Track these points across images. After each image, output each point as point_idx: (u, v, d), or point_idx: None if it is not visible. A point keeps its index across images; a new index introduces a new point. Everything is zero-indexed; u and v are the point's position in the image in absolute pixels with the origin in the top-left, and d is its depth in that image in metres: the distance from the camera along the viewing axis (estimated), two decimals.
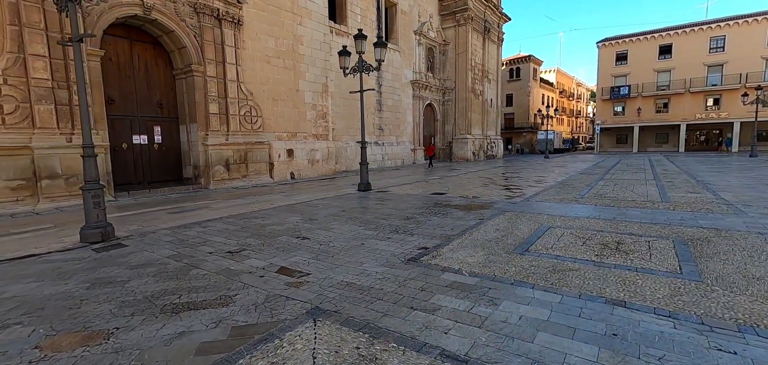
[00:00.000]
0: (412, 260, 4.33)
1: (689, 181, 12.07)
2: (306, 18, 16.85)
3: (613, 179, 13.37)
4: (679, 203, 7.89)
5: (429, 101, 29.82)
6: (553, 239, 5.13)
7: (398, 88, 26.17)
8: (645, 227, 5.71)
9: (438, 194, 10.34)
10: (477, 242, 5.10)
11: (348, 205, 8.68)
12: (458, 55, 30.56)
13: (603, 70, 44.46)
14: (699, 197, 8.64)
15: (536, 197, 9.17)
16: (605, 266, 4.00)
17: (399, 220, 6.77)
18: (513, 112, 52.06)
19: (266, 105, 15.22)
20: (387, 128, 25.23)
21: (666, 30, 40.86)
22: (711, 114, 39.32)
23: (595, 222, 6.15)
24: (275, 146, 15.54)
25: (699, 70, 39.26)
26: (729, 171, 15.66)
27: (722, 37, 38.21)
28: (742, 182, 11.62)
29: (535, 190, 10.64)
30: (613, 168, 18.72)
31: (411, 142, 27.78)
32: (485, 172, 18.08)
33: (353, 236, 5.58)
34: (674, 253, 4.37)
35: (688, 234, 5.25)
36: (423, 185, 12.60)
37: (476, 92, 32.68)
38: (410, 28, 27.12)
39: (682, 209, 7.12)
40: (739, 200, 8.14)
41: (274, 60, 15.47)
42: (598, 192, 9.78)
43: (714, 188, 10.32)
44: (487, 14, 32.78)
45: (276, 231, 6.02)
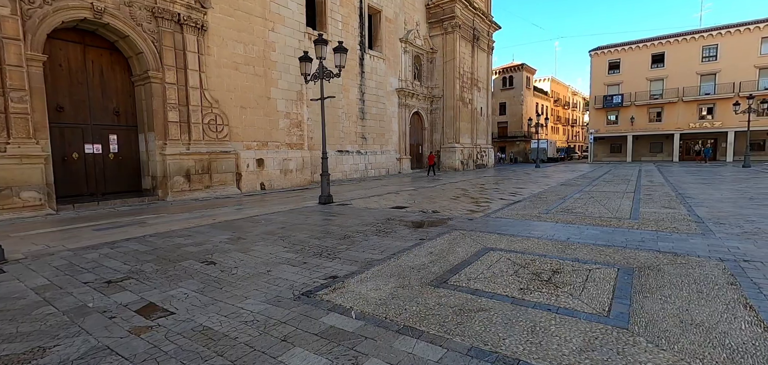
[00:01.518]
0: (306, 295, 3.71)
1: (669, 194, 11.46)
2: (278, 24, 16.38)
3: (591, 191, 12.77)
4: (647, 220, 7.28)
5: (416, 110, 29.34)
6: (484, 266, 4.52)
7: (383, 97, 25.70)
8: (596, 251, 5.09)
9: (398, 208, 9.73)
10: (398, 269, 4.48)
11: (293, 221, 8.07)
12: (446, 63, 30.16)
13: (596, 78, 44.11)
14: (671, 213, 8.02)
15: (499, 213, 8.56)
16: (523, 304, 3.38)
17: (334, 240, 6.16)
18: (506, 120, 51.63)
19: (234, 113, 14.68)
20: (371, 136, 24.71)
21: (658, 39, 40.57)
22: (705, 123, 38.85)
23: (543, 244, 5.54)
24: (243, 155, 14.96)
25: (692, 79, 38.88)
26: (717, 183, 15.07)
27: (715, 46, 37.87)
28: (724, 195, 11.02)
29: (503, 204, 10.03)
30: (597, 179, 18.13)
31: (396, 151, 27.25)
32: (466, 183, 17.49)
33: (265, 261, 4.97)
34: (612, 287, 3.75)
35: (640, 260, 4.64)
36: (391, 198, 12.00)
37: (465, 100, 32.22)
38: (396, 36, 26.73)
39: (647, 228, 6.50)
40: (713, 216, 7.53)
41: (242, 67, 14.95)
42: (567, 207, 9.17)
43: (692, 202, 9.71)
44: (475, 22, 32.45)
45: (186, 254, 5.40)
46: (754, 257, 4.67)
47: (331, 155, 21.09)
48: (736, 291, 3.61)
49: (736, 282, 3.85)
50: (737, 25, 36.76)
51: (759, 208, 8.51)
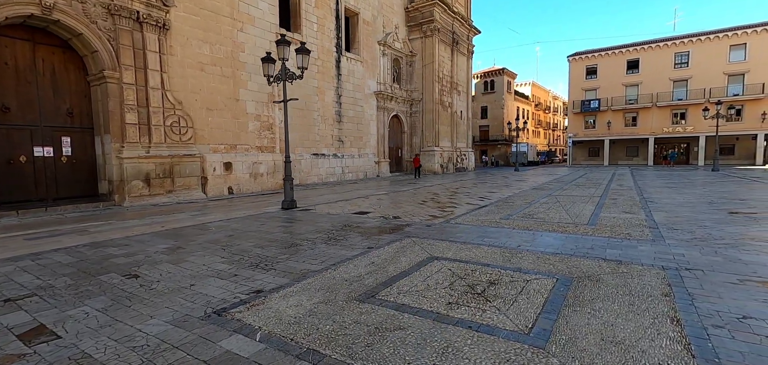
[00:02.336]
0: (217, 313, 3.43)
1: (634, 198, 11.55)
2: (248, 24, 15.98)
3: (560, 195, 12.79)
4: (603, 226, 7.22)
5: (395, 113, 29.21)
6: (421, 278, 4.31)
7: (360, 99, 25.47)
8: (542, 259, 4.95)
9: (361, 213, 9.49)
10: (331, 281, 4.24)
11: (246, 228, 7.74)
12: (425, 67, 30.15)
13: (574, 83, 44.89)
14: (629, 218, 8.01)
15: (460, 219, 8.41)
16: (445, 321, 3.17)
17: (279, 249, 5.88)
18: (488, 124, 52.08)
19: (199, 115, 14.21)
20: (348, 140, 24.43)
21: (633, 45, 41.56)
22: (677, 128, 39.92)
23: (492, 252, 5.37)
24: (209, 158, 14.50)
25: (665, 85, 39.94)
26: (682, 187, 15.34)
27: (686, 53, 39.00)
28: (686, 199, 11.15)
29: (468, 209, 9.90)
30: (570, 183, 18.28)
31: (375, 154, 27.03)
32: (441, 187, 17.38)
33: (194, 274, 4.65)
34: (544, 300, 3.59)
35: (583, 269, 4.51)
36: (358, 203, 11.75)
37: (444, 103, 32.27)
38: (374, 39, 26.56)
39: (601, 235, 6.43)
40: (669, 221, 7.54)
41: (209, 67, 14.51)
42: (529, 212, 9.09)
43: (653, 206, 9.77)
44: (455, 26, 32.58)
45: (111, 266, 5.04)
46: (697, 265, 4.59)
47: (305, 158, 20.78)
48: (668, 302, 3.48)
49: (671, 292, 3.73)
50: (707, 34, 37.96)
51: (715, 213, 8.59)
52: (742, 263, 4.67)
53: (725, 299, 3.55)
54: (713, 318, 3.15)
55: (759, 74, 35.73)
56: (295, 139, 20.26)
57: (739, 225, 7.07)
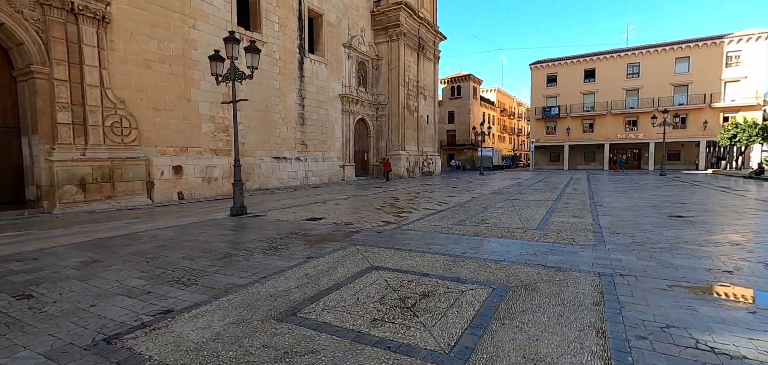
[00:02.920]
0: (107, 341, 3.00)
1: (585, 203, 11.88)
2: (201, 21, 15.22)
3: (517, 200, 12.97)
4: (551, 231, 7.27)
5: (361, 116, 28.95)
6: (353, 291, 4.04)
7: (325, 102, 25.03)
8: (483, 267, 4.82)
9: (313, 220, 9.12)
10: (253, 297, 3.89)
11: (182, 237, 7.19)
12: (391, 71, 30.14)
13: (536, 90, 46.47)
14: (576, 223, 8.14)
15: (413, 225, 8.24)
16: (364, 342, 2.92)
17: (211, 260, 5.43)
18: (455, 129, 52.89)
19: (145, 115, 13.32)
20: (311, 143, 23.91)
21: (590, 55, 43.58)
22: (630, 135, 42.17)
23: (435, 260, 5.20)
24: (156, 162, 13.61)
25: (619, 93, 42.12)
26: (631, 191, 16.03)
27: (637, 64, 41.34)
28: (632, 203, 11.59)
29: (423, 214, 9.77)
30: (529, 187, 18.70)
31: (340, 158, 26.63)
32: (403, 191, 17.26)
33: (101, 292, 4.15)
34: (474, 313, 3.42)
35: (521, 277, 4.41)
36: (314, 208, 11.35)
37: (411, 108, 32.39)
38: (339, 41, 26.23)
39: (546, 240, 6.43)
40: (613, 225, 7.71)
41: (156, 65, 13.65)
42: (483, 217, 9.07)
43: (601, 210, 10.05)
44: (421, 31, 32.83)
45: (6, 285, 4.43)
46: (631, 271, 4.61)
47: (266, 162, 20.08)
48: (597, 312, 3.41)
49: (602, 301, 3.67)
50: (656, 46, 40.43)
51: (656, 217, 8.91)
52: (674, 267, 4.75)
53: (652, 307, 3.53)
54: (638, 329, 3.09)
55: (701, 85, 38.43)
56: (254, 141, 19.57)
57: (676, 229, 7.32)
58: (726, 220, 8.38)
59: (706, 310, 3.42)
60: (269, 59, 20.38)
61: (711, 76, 38.06)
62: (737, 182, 21.33)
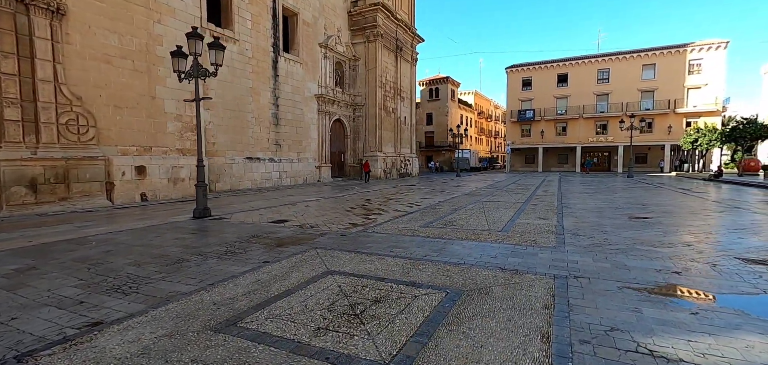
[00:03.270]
0: (18, 360, 2.73)
1: (552, 204, 12.10)
2: (167, 16, 14.66)
3: (488, 201, 13.09)
4: (515, 232, 7.31)
5: (337, 117, 28.70)
6: (303, 297, 3.89)
7: (300, 102, 24.66)
8: (442, 271, 4.75)
9: (278, 222, 8.88)
10: (195, 306, 3.67)
11: (134, 241, 6.82)
12: (368, 72, 30.03)
13: (511, 94, 47.39)
14: (541, 224, 8.24)
15: (379, 227, 8.13)
16: (303, 352, 2.77)
17: (160, 266, 5.15)
18: (433, 130, 53.29)
19: (104, 113, 12.70)
20: (286, 143, 23.50)
21: (563, 60, 44.80)
22: (600, 138, 43.58)
23: (394, 264, 5.10)
24: (117, 162, 12.99)
25: (590, 98, 43.47)
26: (598, 193, 16.48)
27: (607, 70, 42.80)
28: (597, 205, 11.88)
29: (393, 216, 9.68)
30: (501, 189, 18.97)
31: (315, 159, 26.30)
32: (377, 192, 17.16)
33: (28, 303, 3.83)
34: (423, 318, 3.33)
35: (478, 280, 4.36)
36: (282, 210, 11.08)
37: (388, 109, 32.37)
38: (315, 41, 25.91)
39: (510, 242, 6.45)
40: (575, 227, 7.84)
41: (117, 60, 13.04)
42: (451, 220, 9.07)
43: (567, 211, 10.25)
44: (398, 33, 32.88)
45: None
46: (586, 273, 4.65)
47: (238, 162, 19.58)
48: (546, 316, 3.38)
49: (553, 304, 3.66)
50: (624, 53, 41.98)
51: (617, 218, 9.15)
52: (626, 269, 4.82)
53: (601, 309, 3.53)
54: (583, 332, 3.07)
55: (666, 92, 40.18)
56: (226, 141, 19.05)
57: (634, 230, 7.51)
58: (682, 221, 8.68)
59: (651, 312, 3.45)
60: (241, 58, 19.90)
61: (675, 83, 39.82)
62: (697, 184, 22.33)
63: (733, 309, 3.51)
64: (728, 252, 5.72)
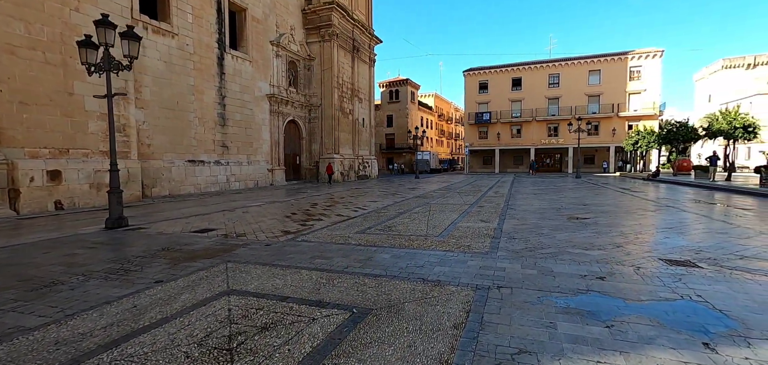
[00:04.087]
0: None
1: (499, 205, 12.08)
2: (87, 4, 13.21)
3: (437, 203, 12.88)
4: (453, 237, 7.02)
5: (292, 118, 27.73)
6: (176, 328, 3.25)
7: (250, 102, 23.50)
8: (356, 286, 4.28)
9: (201, 231, 8.06)
10: (30, 347, 2.94)
11: (9, 260, 5.80)
12: (324, 72, 29.29)
13: (469, 96, 48.35)
14: (481, 227, 8.03)
15: (312, 235, 7.56)
16: None
17: (19, 292, 4.28)
18: (393, 132, 53.25)
19: (7, 110, 11.18)
20: (234, 145, 22.26)
21: (517, 65, 46.31)
22: (552, 140, 45.45)
23: (306, 278, 4.57)
24: (23, 166, 11.46)
25: (542, 102, 45.22)
26: (545, 193, 16.84)
27: (557, 75, 44.73)
28: (542, 206, 11.99)
29: (331, 222, 9.13)
30: (454, 191, 18.96)
31: (268, 161, 25.18)
32: (327, 196, 16.52)
33: None
34: (310, 349, 2.82)
35: (393, 296, 3.92)
36: (214, 218, 10.19)
37: (345, 110, 31.77)
38: (265, 38, 24.83)
39: (443, 248, 6.11)
40: (513, 230, 7.69)
41: (24, 51, 11.53)
42: (392, 224, 8.66)
43: (511, 213, 10.19)
44: (355, 33, 32.38)
45: None
46: (510, 281, 4.35)
47: (177, 165, 18.22)
48: (452, 338, 2.98)
49: (465, 321, 3.28)
50: (572, 59, 44.05)
51: (557, 219, 9.16)
52: (552, 275, 4.59)
53: (514, 326, 3.20)
54: (487, 357, 2.69)
55: (610, 96, 42.59)
56: (163, 143, 17.65)
57: (570, 231, 7.46)
58: (616, 221, 8.81)
59: (566, 327, 3.16)
60: (181, 53, 18.57)
61: (618, 88, 42.33)
62: (637, 184, 23.63)
63: (648, 319, 3.30)
64: (653, 252, 5.71)
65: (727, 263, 5.10)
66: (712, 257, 5.37)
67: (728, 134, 22.74)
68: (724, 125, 22.78)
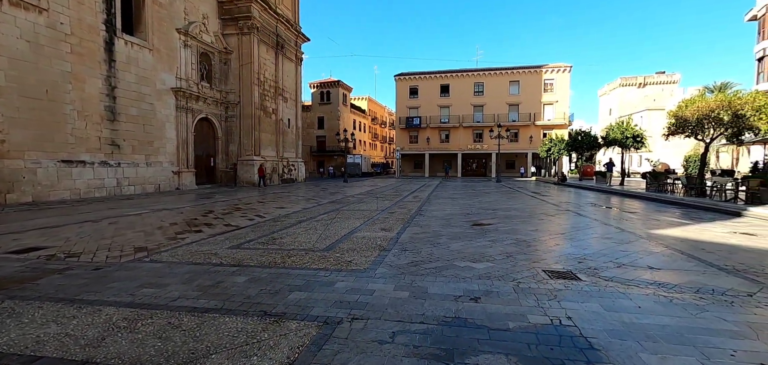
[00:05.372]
0: None
1: (410, 211, 11.63)
2: None
3: (346, 210, 12.07)
4: (339, 250, 6.19)
5: (204, 115, 25.19)
6: None
7: (150, 95, 20.74)
8: (167, 329, 3.22)
9: (20, 252, 6.28)
10: None
11: None
12: (243, 67, 27.12)
13: (400, 101, 48.77)
14: (378, 237, 7.34)
15: (173, 251, 6.24)
16: None
17: None
18: (325, 135, 51.84)
19: None
20: (129, 143, 19.45)
21: (445, 72, 47.77)
22: (477, 146, 47.55)
23: (98, 321, 3.38)
24: None
25: (468, 109, 47.13)
26: (463, 198, 16.95)
27: (482, 84, 46.96)
28: (452, 211, 11.78)
29: (211, 234, 7.82)
30: (374, 195, 18.39)
31: (173, 163, 22.46)
32: (234, 202, 14.87)
33: None
34: None
35: (207, 343, 2.94)
36: (60, 232, 8.25)
37: (268, 109, 29.82)
38: (171, 25, 22.19)
39: (320, 265, 5.25)
40: (410, 239, 7.12)
41: None
42: (278, 236, 7.63)
43: (419, 219, 9.74)
44: (279, 29, 30.62)
45: None
46: (370, 311, 3.60)
47: (45, 166, 15.25)
48: None
49: None
50: (495, 69, 46.58)
51: (460, 226, 8.83)
52: (423, 298, 3.94)
53: None
54: None
55: (528, 106, 45.74)
56: (25, 139, 14.64)
57: (466, 240, 7.07)
58: (517, 227, 8.70)
59: None
60: (53, 33, 15.65)
61: (534, 99, 45.61)
62: (547, 188, 25.23)
63: (506, 358, 2.72)
64: (540, 263, 5.42)
65: (605, 272, 4.92)
66: (593, 267, 5.19)
67: (621, 142, 25.28)
68: (618, 135, 25.28)
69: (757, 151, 29.39)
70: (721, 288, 4.28)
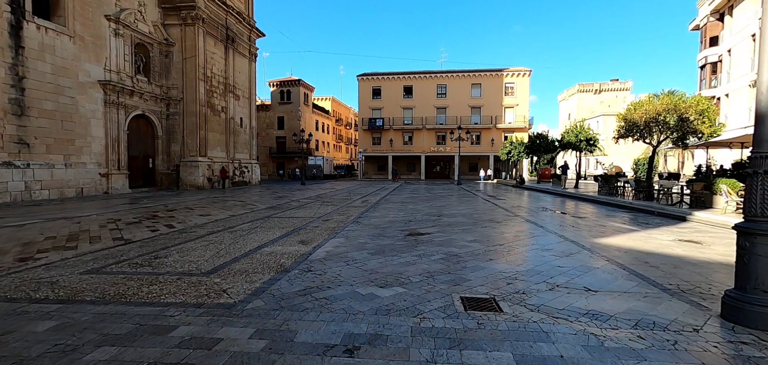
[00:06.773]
0: None
1: (349, 217, 10.55)
2: None
3: (279, 216, 10.83)
4: (224, 273, 5.01)
5: (141, 112, 22.94)
6: None
7: (71, 88, 18.47)
8: None
9: None
10: None
11: None
12: (187, 61, 25.05)
13: (363, 102, 47.72)
14: (288, 252, 6.20)
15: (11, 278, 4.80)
16: None
17: None
18: (285, 135, 49.85)
19: None
20: (42, 142, 17.17)
21: (408, 73, 47.22)
22: (440, 148, 47.31)
23: None
24: None
25: (431, 111, 46.81)
26: (415, 202, 16.12)
27: (445, 86, 46.81)
28: (394, 217, 10.84)
29: (87, 251, 6.38)
30: (322, 199, 17.18)
31: (100, 164, 20.16)
32: (158, 208, 13.17)
33: None
34: None
35: None
36: None
37: (216, 107, 27.83)
38: (98, 10, 19.95)
39: (175, 299, 4.04)
40: (327, 254, 6.02)
41: None
42: (166, 253, 6.31)
43: (353, 227, 8.69)
44: (229, 21, 28.72)
45: None
46: None
47: None
48: None
49: None
50: (457, 72, 46.58)
51: (392, 237, 7.86)
52: (285, 353, 2.85)
53: None
54: None
55: (490, 109, 46.04)
56: None
57: (389, 256, 6.07)
58: (453, 238, 7.83)
59: None
60: None
61: (496, 102, 45.98)
62: (506, 190, 24.99)
63: None
64: (460, 286, 4.49)
65: (533, 297, 4.06)
66: (521, 290, 4.33)
67: (575, 145, 25.50)
68: (572, 138, 25.50)
69: (701, 154, 30.80)
70: (663, 320, 3.51)
